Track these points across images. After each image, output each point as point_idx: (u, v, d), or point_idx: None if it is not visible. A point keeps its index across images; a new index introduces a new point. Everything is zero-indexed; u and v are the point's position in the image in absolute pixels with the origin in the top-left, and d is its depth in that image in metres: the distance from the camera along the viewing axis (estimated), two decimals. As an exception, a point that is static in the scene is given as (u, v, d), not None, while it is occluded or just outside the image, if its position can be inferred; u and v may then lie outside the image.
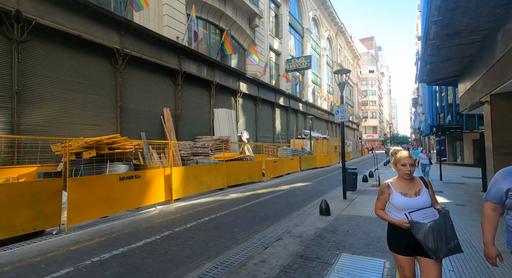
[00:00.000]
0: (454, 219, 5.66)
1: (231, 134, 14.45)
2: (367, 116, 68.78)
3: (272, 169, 13.59)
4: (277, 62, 23.17)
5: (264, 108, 19.87)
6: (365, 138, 66.18)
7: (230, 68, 15.15)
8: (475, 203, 7.16)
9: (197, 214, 6.46)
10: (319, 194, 9.44)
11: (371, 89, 70.58)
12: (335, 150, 27.86)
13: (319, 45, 33.40)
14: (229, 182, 10.42)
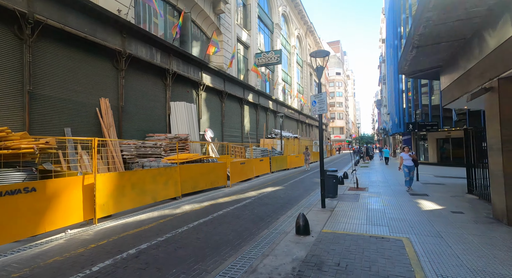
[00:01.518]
0: (466, 237, 4.44)
1: (191, 132, 12.43)
2: (334, 117, 70.54)
3: (239, 171, 11.86)
4: (245, 56, 21.55)
5: (231, 104, 18.08)
6: (333, 138, 67.68)
7: (190, 56, 13.11)
8: (471, 209, 6.16)
9: (122, 242, 4.46)
10: (293, 201, 7.94)
11: (338, 91, 72.60)
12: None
13: (289, 42, 32.57)
14: (185, 189, 8.46)
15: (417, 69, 8.95)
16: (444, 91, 8.39)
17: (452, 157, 20.44)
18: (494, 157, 5.15)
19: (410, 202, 7.24)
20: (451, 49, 7.09)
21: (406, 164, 8.90)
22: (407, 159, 8.93)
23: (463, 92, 6.61)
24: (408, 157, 8.94)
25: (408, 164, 8.86)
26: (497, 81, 4.88)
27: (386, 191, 9.09)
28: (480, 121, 17.92)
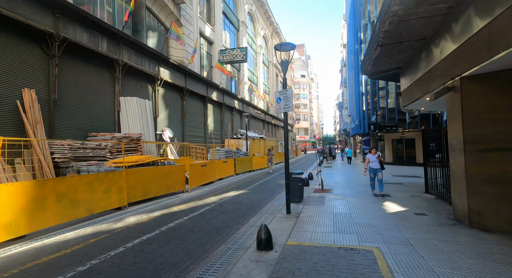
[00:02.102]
0: (436, 244, 4.21)
1: (145, 131, 11.12)
2: (299, 119, 72.41)
3: (200, 174, 10.91)
4: (209, 52, 20.51)
5: (193, 102, 16.93)
6: (298, 139, 69.33)
7: (145, 47, 11.78)
8: (431, 210, 6.14)
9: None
10: (256, 207, 7.30)
11: (303, 93, 74.72)
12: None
13: (255, 42, 32.21)
14: (133, 197, 7.30)
15: (379, 69, 8.99)
16: (404, 93, 8.51)
17: (405, 156, 21.86)
18: (455, 157, 5.09)
19: (375, 203, 7.10)
20: (412, 50, 7.11)
21: (372, 166, 8.23)
22: (373, 161, 8.21)
23: (424, 92, 6.62)
24: (375, 159, 8.19)
25: (375, 167, 8.18)
26: (459, 81, 4.79)
27: (350, 192, 8.96)
28: (429, 123, 19.38)
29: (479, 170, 4.59)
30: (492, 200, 4.47)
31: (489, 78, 4.48)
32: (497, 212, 4.42)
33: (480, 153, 4.58)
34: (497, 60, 3.83)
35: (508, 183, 4.30)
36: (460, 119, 4.81)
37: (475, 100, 4.64)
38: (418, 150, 20.88)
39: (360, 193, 8.76)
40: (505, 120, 4.34)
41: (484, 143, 4.54)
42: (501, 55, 3.64)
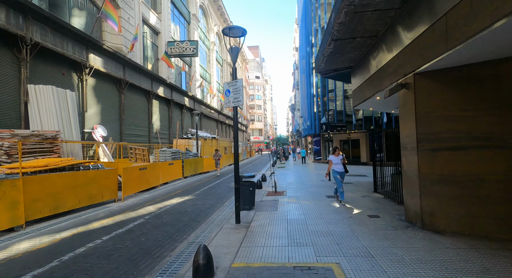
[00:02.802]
0: (396, 253, 3.84)
1: (66, 128, 9.08)
2: (254, 119, 72.79)
3: (138, 179, 9.36)
4: (155, 43, 18.54)
5: (135, 97, 14.93)
6: (252, 140, 69.51)
7: (67, 26, 9.68)
8: (383, 211, 6.01)
9: None
10: (202, 216, 6.31)
11: (257, 94, 75.35)
12: (225, 151, 25.86)
13: (208, 38, 30.79)
14: (37, 212, 5.59)
15: (331, 68, 8.84)
16: (355, 92, 8.49)
17: (351, 156, 23.20)
18: (408, 156, 4.94)
19: (328, 206, 6.76)
20: (364, 48, 7.00)
21: (337, 169, 6.78)
22: (337, 163, 6.81)
23: (375, 91, 6.52)
24: (338, 161, 6.81)
25: (339, 170, 6.77)
26: (413, 77, 4.62)
27: (304, 194, 8.60)
28: (372, 125, 20.82)
29: (432, 169, 4.45)
30: (443, 200, 4.36)
31: (441, 75, 4.37)
32: (447, 212, 4.31)
33: (433, 151, 4.45)
34: (453, 53, 3.63)
35: (457, 182, 4.22)
36: (414, 117, 4.64)
37: (427, 97, 4.50)
38: (362, 149, 22.37)
39: (313, 194, 8.46)
40: (454, 118, 4.26)
41: (436, 142, 4.42)
42: (458, 48, 3.41)
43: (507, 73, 3.84)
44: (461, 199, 4.19)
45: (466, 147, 4.15)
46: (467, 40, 3.25)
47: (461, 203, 4.19)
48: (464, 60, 4.02)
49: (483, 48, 3.53)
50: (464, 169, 4.17)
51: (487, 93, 3.99)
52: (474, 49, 3.50)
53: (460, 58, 3.92)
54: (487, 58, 3.94)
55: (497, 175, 3.90)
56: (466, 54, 3.73)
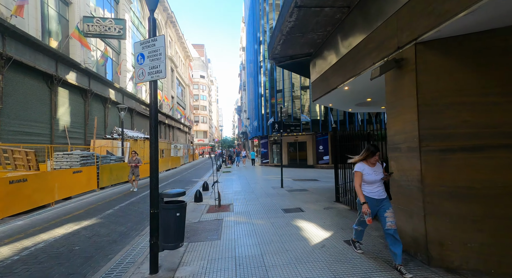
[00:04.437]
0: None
1: None
2: (198, 121, 68.79)
3: (5, 198, 6.13)
4: (63, 15, 14.40)
5: (25, 80, 10.91)
6: (196, 142, 65.54)
7: None
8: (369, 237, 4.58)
9: None
10: (95, 260, 3.85)
11: (202, 94, 71.63)
12: (162, 154, 22.47)
13: (144, 25, 26.84)
14: None
15: (288, 54, 7.34)
16: (315, 83, 7.15)
17: (298, 158, 22.76)
18: (401, 161, 3.57)
19: (289, 226, 5.09)
20: (329, 26, 5.64)
21: (371, 195, 3.26)
22: (372, 181, 3.28)
23: (347, 77, 5.15)
24: (375, 176, 3.28)
25: (375, 195, 3.26)
26: (414, 48, 3.26)
27: (256, 208, 6.80)
28: (319, 128, 20.66)
29: (441, 179, 3.13)
30: (458, 224, 3.07)
31: (453, 45, 3.11)
32: (464, 241, 3.03)
33: (442, 153, 3.13)
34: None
35: (478, 197, 2.97)
36: (414, 106, 3.28)
37: (435, 77, 3.19)
38: (309, 152, 22.11)
39: (267, 208, 6.73)
40: (472, 106, 3.03)
41: (447, 140, 3.12)
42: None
43: (547, 43, 2.75)
44: (484, 222, 2.95)
45: (489, 147, 2.94)
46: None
47: (483, 228, 2.95)
48: (489, 21, 2.78)
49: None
50: (487, 178, 2.94)
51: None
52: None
53: (488, 16, 2.64)
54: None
55: (534, 187, 2.77)
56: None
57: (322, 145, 20.99)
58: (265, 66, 23.48)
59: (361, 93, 6.17)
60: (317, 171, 17.74)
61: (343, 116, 20.86)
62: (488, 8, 2.50)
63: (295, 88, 22.07)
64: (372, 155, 3.29)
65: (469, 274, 2.94)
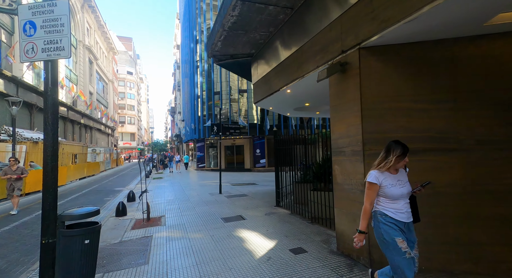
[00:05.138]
0: None
1: None
2: (124, 122, 61.41)
3: None
4: None
5: None
6: (121, 146, 58.38)
7: None
8: (305, 240, 4.49)
9: None
10: None
11: (129, 92, 64.40)
12: (75, 159, 18.82)
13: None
14: None
15: (229, 52, 6.94)
16: (257, 85, 6.95)
17: (235, 162, 22.57)
18: (345, 164, 3.58)
19: (230, 238, 4.62)
20: (272, 27, 5.51)
21: (397, 216, 2.25)
22: (396, 197, 2.26)
23: (290, 79, 5.07)
24: (399, 189, 2.28)
25: (401, 218, 2.26)
26: (358, 53, 3.30)
27: (192, 218, 6.08)
28: (256, 132, 20.96)
29: (381, 181, 3.19)
30: (396, 224, 3.17)
31: (391, 53, 3.26)
32: (401, 239, 3.14)
33: (383, 157, 3.21)
34: (432, 12, 2.41)
35: (412, 198, 3.13)
36: (358, 109, 3.31)
37: (376, 82, 3.28)
38: (246, 156, 22.19)
39: (205, 217, 6.10)
40: (407, 111, 3.23)
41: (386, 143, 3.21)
42: None
43: (463, 56, 3.11)
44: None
45: (420, 151, 3.15)
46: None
47: (417, 226, 3.11)
48: (423, 32, 2.99)
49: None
50: (419, 179, 3.12)
51: (442, 80, 3.14)
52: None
53: (426, 26, 2.83)
54: (440, 36, 3.09)
55: (454, 187, 3.07)
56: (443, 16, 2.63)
57: (259, 149, 21.36)
58: (202, 67, 22.57)
59: (301, 98, 6.25)
60: (254, 175, 17.83)
61: (278, 121, 21.74)
62: (426, 18, 2.63)
63: (232, 92, 21.89)
64: (403, 156, 2.24)
65: (406, 272, 3.06)
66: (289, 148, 6.39)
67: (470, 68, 3.08)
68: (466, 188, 3.04)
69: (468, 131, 3.05)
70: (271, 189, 9.97)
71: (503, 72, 2.99)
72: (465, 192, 3.04)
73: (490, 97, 3.02)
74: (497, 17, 2.64)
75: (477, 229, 3.01)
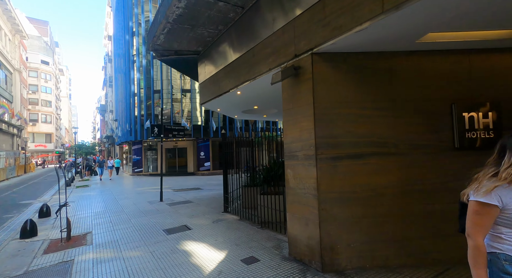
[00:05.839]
0: None
1: None
2: (37, 120, 51.25)
3: None
4: None
5: None
6: (33, 148, 48.66)
7: None
8: (258, 247, 4.33)
9: None
10: None
11: (45, 85, 54.11)
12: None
13: None
14: None
15: (173, 47, 6.37)
16: (204, 85, 6.55)
17: (177, 166, 21.22)
18: (298, 169, 3.58)
19: (175, 253, 4.13)
20: (222, 24, 5.26)
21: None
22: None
23: (241, 81, 4.89)
24: None
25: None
26: (311, 58, 3.33)
27: (128, 233, 5.28)
28: (200, 134, 20.16)
29: (332, 185, 3.30)
30: (344, 226, 3.31)
31: (340, 60, 3.39)
32: (349, 242, 3.29)
33: (333, 161, 3.31)
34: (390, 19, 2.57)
35: (358, 200, 3.31)
36: (311, 114, 3.34)
37: (327, 87, 3.36)
38: (190, 159, 21.11)
39: (144, 230, 5.38)
40: (354, 117, 3.39)
41: (337, 148, 3.32)
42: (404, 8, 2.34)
43: (399, 69, 3.43)
44: (362, 222, 3.31)
45: (365, 155, 3.35)
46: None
47: (363, 227, 3.31)
48: (370, 43, 3.19)
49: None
50: (364, 182, 3.33)
51: (383, 89, 3.41)
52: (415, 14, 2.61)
53: (371, 37, 3.01)
54: (382, 49, 3.36)
55: (392, 188, 3.36)
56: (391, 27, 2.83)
57: (204, 151, 20.59)
58: (140, 62, 20.56)
59: (251, 100, 6.15)
60: (198, 179, 17.06)
61: (223, 123, 21.40)
62: (372, 31, 2.79)
63: (174, 91, 20.57)
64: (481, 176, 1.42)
65: (353, 273, 3.20)
66: (237, 150, 6.19)
67: (404, 80, 3.43)
68: (401, 188, 3.36)
69: (403, 137, 3.38)
70: (217, 194, 9.59)
71: (429, 85, 3.43)
72: (401, 192, 3.35)
73: (420, 107, 3.42)
74: (427, 36, 2.98)
75: (409, 225, 3.35)
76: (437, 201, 3.34)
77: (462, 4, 2.34)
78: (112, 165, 18.17)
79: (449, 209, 3.34)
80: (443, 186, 3.34)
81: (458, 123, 3.37)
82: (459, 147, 3.37)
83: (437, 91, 3.42)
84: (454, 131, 3.39)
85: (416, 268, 3.25)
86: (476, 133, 3.37)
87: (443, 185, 3.35)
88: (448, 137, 3.40)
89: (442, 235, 3.31)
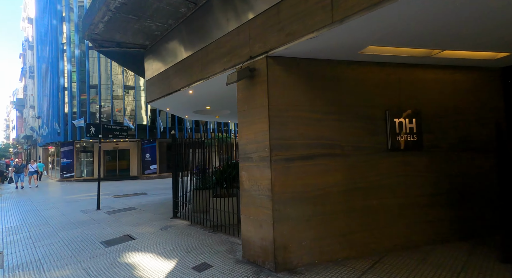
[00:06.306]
0: None
1: None
2: None
3: None
4: None
5: None
6: None
7: None
8: (211, 252, 4.17)
9: None
10: None
11: None
12: None
13: None
14: None
15: (115, 39, 5.75)
16: (151, 83, 6.07)
17: (118, 169, 19.28)
18: (252, 170, 3.58)
19: (116, 267, 3.69)
20: (172, 19, 4.99)
21: None
22: None
23: (194, 80, 4.68)
24: None
25: None
26: (265, 61, 3.39)
27: (53, 249, 4.50)
28: (146, 134, 18.71)
29: (285, 186, 3.39)
30: (296, 226, 3.43)
31: (293, 65, 3.52)
32: (300, 240, 3.42)
33: (286, 162, 3.41)
34: (337, 30, 2.76)
35: (309, 199, 3.47)
36: (266, 116, 3.38)
37: (281, 90, 3.45)
38: (133, 162, 19.37)
39: (76, 244, 4.67)
40: (306, 120, 3.55)
41: (290, 149, 3.43)
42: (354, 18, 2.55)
43: (344, 76, 3.73)
44: (312, 220, 3.48)
45: (315, 156, 3.54)
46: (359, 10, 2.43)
47: (312, 225, 3.48)
48: (322, 51, 3.39)
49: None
50: (314, 182, 3.51)
51: (331, 95, 3.66)
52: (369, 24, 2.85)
53: (322, 46, 3.21)
54: (330, 57, 3.62)
55: (338, 186, 3.61)
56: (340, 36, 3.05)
57: (150, 153, 19.15)
58: (72, 52, 18.05)
59: (204, 100, 5.94)
60: (143, 183, 15.77)
61: (172, 123, 20.29)
62: (322, 39, 2.97)
63: (115, 87, 18.64)
64: None
65: (303, 270, 3.34)
66: (188, 152, 5.90)
67: (347, 87, 3.75)
68: (346, 186, 3.65)
69: (348, 139, 3.69)
70: (165, 199, 9.00)
71: (368, 93, 3.82)
72: (345, 190, 3.64)
73: (361, 112, 3.77)
74: (368, 49, 3.32)
75: (352, 220, 3.66)
76: (374, 196, 3.74)
77: (393, 24, 2.67)
78: (35, 169, 15.39)
79: (382, 203, 3.78)
80: (378, 183, 3.76)
81: (391, 127, 3.84)
82: (391, 148, 3.84)
83: (375, 99, 3.84)
84: (387, 134, 3.84)
85: (358, 259, 3.56)
86: (404, 136, 3.89)
87: (378, 182, 3.76)
88: (384, 140, 3.84)
89: (379, 227, 3.71)
